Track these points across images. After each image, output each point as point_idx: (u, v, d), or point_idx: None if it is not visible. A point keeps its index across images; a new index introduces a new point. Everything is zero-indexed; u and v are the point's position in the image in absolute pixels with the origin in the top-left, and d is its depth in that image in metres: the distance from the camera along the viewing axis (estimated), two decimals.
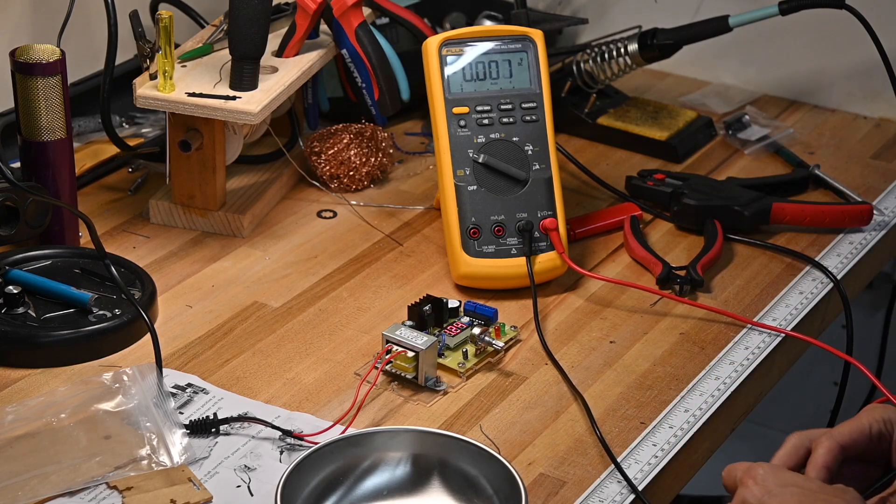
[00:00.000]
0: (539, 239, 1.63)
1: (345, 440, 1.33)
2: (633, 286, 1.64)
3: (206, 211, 1.73)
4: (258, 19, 1.68)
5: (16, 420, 1.36)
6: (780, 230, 1.78)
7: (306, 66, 1.77)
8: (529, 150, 1.66)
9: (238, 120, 1.66)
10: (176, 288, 1.63)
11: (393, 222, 1.78)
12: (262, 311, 1.59)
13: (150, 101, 1.67)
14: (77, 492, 1.30)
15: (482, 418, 1.44)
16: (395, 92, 1.84)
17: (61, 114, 1.62)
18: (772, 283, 1.68)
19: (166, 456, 1.34)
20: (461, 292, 1.64)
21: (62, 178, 1.64)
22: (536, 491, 1.34)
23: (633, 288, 1.64)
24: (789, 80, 2.13)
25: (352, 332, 1.56)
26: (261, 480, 1.33)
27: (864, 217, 1.78)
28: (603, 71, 1.97)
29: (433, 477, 1.33)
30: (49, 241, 1.65)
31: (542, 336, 1.55)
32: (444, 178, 1.65)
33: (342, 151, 1.82)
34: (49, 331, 1.49)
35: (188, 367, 1.49)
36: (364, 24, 1.82)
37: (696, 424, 1.44)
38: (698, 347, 1.56)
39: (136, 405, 1.39)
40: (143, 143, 1.87)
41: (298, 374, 1.49)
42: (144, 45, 1.69)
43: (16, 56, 1.60)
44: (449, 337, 1.51)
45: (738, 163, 1.95)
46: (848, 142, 2.02)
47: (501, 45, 1.69)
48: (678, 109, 2.03)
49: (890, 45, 1.86)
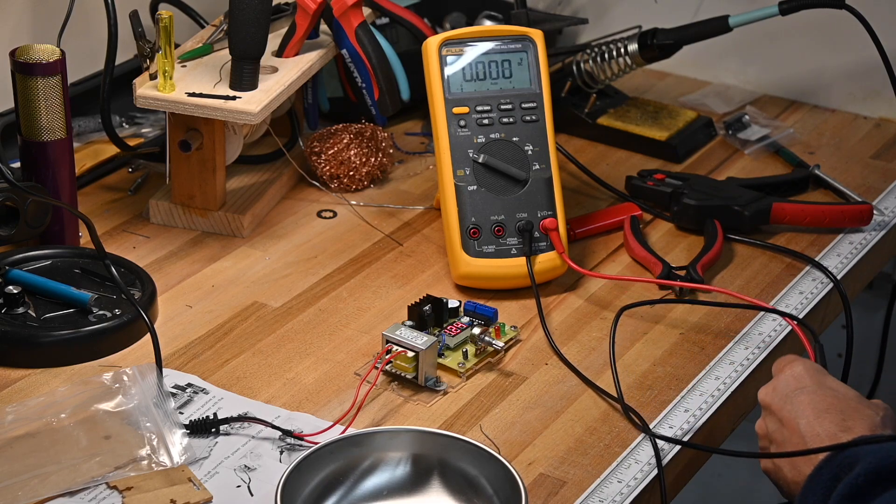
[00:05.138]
0: (539, 239, 1.63)
1: (345, 440, 1.33)
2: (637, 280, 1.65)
3: (206, 211, 1.73)
4: (258, 19, 1.68)
5: (16, 420, 1.36)
6: (780, 230, 1.78)
7: (306, 66, 1.77)
8: (529, 150, 1.66)
9: (238, 120, 1.66)
10: (176, 288, 1.63)
11: (393, 222, 1.78)
12: (262, 311, 1.59)
13: (150, 101, 1.67)
14: (77, 492, 1.30)
15: (482, 418, 1.44)
16: (395, 92, 1.84)
17: (61, 114, 1.62)
18: (772, 283, 1.68)
19: (166, 456, 1.34)
20: (461, 292, 1.64)
21: (62, 178, 1.64)
22: (536, 491, 1.34)
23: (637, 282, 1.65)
24: (789, 80, 2.13)
25: (352, 332, 1.56)
26: (261, 480, 1.33)
27: (864, 217, 1.78)
28: (603, 71, 1.97)
29: (433, 477, 1.33)
30: (49, 241, 1.65)
31: (548, 333, 1.55)
32: (444, 178, 1.65)
33: (342, 151, 1.82)
34: (49, 331, 1.49)
35: (188, 367, 1.49)
36: (364, 24, 1.82)
37: (696, 424, 1.44)
38: (698, 347, 1.56)
39: (136, 405, 1.39)
40: (143, 143, 1.87)
41: (298, 374, 1.49)
42: (144, 45, 1.69)
43: (16, 56, 1.60)
44: (449, 337, 1.51)
45: (738, 163, 1.95)
46: (848, 142, 2.02)
47: (501, 45, 1.69)
48: (678, 109, 2.03)
49: (890, 45, 1.86)
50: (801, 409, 1.28)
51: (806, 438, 1.26)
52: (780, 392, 1.31)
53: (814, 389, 1.30)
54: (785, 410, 1.29)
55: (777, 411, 1.30)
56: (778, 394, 1.31)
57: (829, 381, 1.32)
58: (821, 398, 1.28)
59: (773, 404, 1.31)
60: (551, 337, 1.55)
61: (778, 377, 1.34)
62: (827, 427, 1.25)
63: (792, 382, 1.31)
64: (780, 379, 1.33)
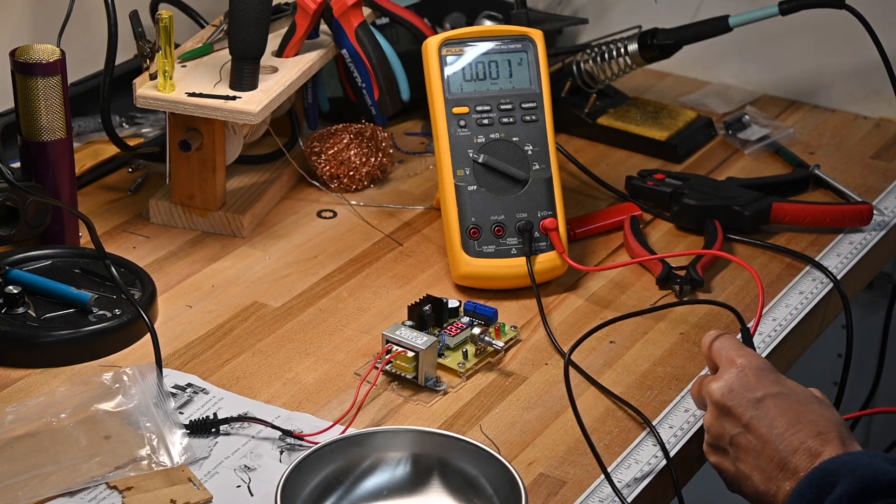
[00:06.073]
0: (539, 239, 1.63)
1: (345, 440, 1.33)
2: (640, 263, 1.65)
3: (206, 211, 1.73)
4: (258, 19, 1.68)
5: (16, 420, 1.36)
6: (780, 230, 1.78)
7: (306, 66, 1.77)
8: (529, 150, 1.66)
9: (238, 120, 1.66)
10: (176, 288, 1.63)
11: (393, 222, 1.78)
12: (262, 311, 1.59)
13: (150, 101, 1.67)
14: (77, 492, 1.30)
15: (482, 418, 1.44)
16: (395, 92, 1.84)
17: (61, 114, 1.62)
18: (772, 283, 1.68)
19: (166, 456, 1.34)
20: (461, 292, 1.64)
21: (62, 178, 1.64)
22: (536, 491, 1.34)
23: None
24: (789, 80, 2.13)
25: (352, 332, 1.56)
26: (261, 480, 1.33)
27: (864, 217, 1.78)
28: (603, 71, 1.97)
29: (433, 477, 1.33)
30: (49, 241, 1.65)
31: (550, 333, 1.55)
32: (444, 178, 1.65)
33: (342, 151, 1.82)
34: (49, 331, 1.49)
35: (188, 367, 1.49)
36: (364, 24, 1.82)
37: (696, 424, 1.44)
38: (698, 347, 1.56)
39: (136, 405, 1.39)
40: (143, 143, 1.87)
41: (298, 374, 1.49)
42: (144, 45, 1.69)
43: (16, 56, 1.60)
44: (449, 337, 1.51)
45: (738, 163, 1.95)
46: (848, 142, 2.02)
47: (501, 45, 1.69)
48: (678, 109, 2.03)
49: (890, 45, 1.86)
50: (770, 417, 1.28)
51: (780, 449, 1.26)
52: (738, 393, 1.31)
53: (777, 393, 1.30)
54: (750, 415, 1.29)
55: (740, 415, 1.30)
56: (736, 394, 1.31)
57: (785, 381, 1.32)
58: (787, 404, 1.29)
59: (734, 406, 1.31)
60: (553, 336, 1.55)
61: (729, 371, 1.33)
62: (802, 438, 1.26)
63: (751, 382, 1.31)
64: (735, 376, 1.32)
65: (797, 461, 1.25)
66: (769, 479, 1.27)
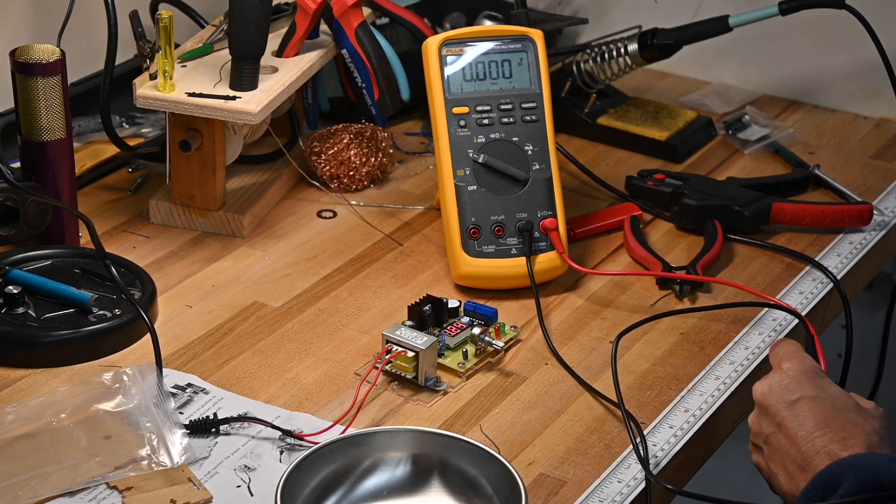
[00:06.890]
0: (539, 239, 1.63)
1: (345, 440, 1.33)
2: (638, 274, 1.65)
3: (206, 211, 1.73)
4: (258, 19, 1.68)
5: (16, 420, 1.36)
6: (780, 230, 1.78)
7: (306, 66, 1.77)
8: (529, 150, 1.66)
9: (238, 120, 1.66)
10: (176, 288, 1.63)
11: (393, 222, 1.78)
12: (262, 311, 1.59)
13: (150, 101, 1.67)
14: (77, 492, 1.30)
15: (482, 418, 1.44)
16: (395, 92, 1.84)
17: (61, 114, 1.62)
18: (772, 283, 1.68)
19: (166, 456, 1.34)
20: (461, 292, 1.64)
21: (62, 178, 1.64)
22: (536, 491, 1.34)
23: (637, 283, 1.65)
24: (789, 80, 2.13)
25: (352, 332, 1.56)
26: (261, 480, 1.33)
27: (864, 217, 1.78)
28: (603, 71, 1.97)
29: (433, 477, 1.33)
30: (49, 241, 1.65)
31: (546, 334, 1.55)
32: (444, 178, 1.65)
33: (342, 151, 1.82)
34: (49, 331, 1.49)
35: (188, 367, 1.49)
36: (364, 24, 1.82)
37: (696, 424, 1.44)
38: (698, 347, 1.56)
39: (136, 405, 1.39)
40: (143, 143, 1.87)
41: (298, 374, 1.49)
42: (144, 45, 1.69)
43: (16, 56, 1.60)
44: (449, 337, 1.51)
45: (738, 163, 1.95)
46: (848, 142, 2.02)
47: (501, 45, 1.69)
48: (678, 109, 2.03)
49: (890, 45, 1.86)
50: (802, 419, 1.28)
51: (804, 451, 1.26)
52: (776, 393, 1.31)
53: (813, 396, 1.30)
54: (783, 415, 1.29)
55: (774, 414, 1.30)
56: (775, 394, 1.31)
57: (828, 386, 1.32)
58: (821, 408, 1.28)
59: (771, 406, 1.31)
60: (549, 338, 1.55)
61: (774, 374, 1.34)
62: (826, 442, 1.26)
63: (791, 384, 1.32)
64: (777, 377, 1.33)
65: (816, 463, 1.25)
66: (791, 479, 1.27)
